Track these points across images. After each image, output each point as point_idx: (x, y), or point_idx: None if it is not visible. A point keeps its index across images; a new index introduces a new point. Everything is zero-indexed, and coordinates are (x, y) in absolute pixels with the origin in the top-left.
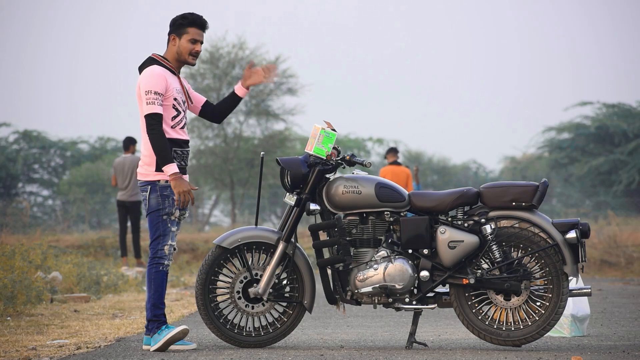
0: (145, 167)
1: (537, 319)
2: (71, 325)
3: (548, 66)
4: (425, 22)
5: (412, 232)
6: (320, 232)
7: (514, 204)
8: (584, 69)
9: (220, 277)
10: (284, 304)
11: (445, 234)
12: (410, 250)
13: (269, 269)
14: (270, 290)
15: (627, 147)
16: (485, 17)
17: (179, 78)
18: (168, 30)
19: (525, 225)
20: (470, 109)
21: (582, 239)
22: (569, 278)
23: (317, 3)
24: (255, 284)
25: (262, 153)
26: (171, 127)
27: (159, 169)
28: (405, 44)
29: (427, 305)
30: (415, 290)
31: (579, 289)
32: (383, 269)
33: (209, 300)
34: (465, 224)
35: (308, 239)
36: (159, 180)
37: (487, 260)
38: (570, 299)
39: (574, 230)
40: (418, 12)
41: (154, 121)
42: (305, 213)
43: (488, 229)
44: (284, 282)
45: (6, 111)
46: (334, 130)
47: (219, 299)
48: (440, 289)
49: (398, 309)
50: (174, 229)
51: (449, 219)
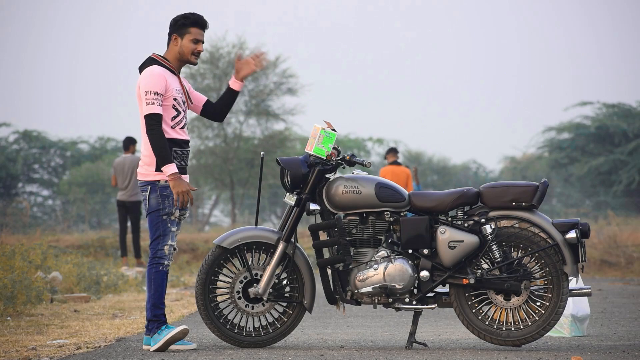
0: (146, 167)
1: (537, 319)
2: (71, 325)
3: (548, 66)
4: (426, 22)
5: (412, 232)
6: (320, 232)
7: (514, 204)
8: (584, 69)
9: (220, 277)
10: (284, 304)
11: (445, 234)
12: (410, 250)
13: (269, 269)
14: (270, 290)
15: (627, 147)
16: (485, 17)
17: (179, 78)
18: (168, 30)
19: (525, 225)
20: (470, 109)
21: (582, 239)
22: (569, 278)
23: (317, 3)
24: (255, 284)
25: (262, 153)
26: (171, 127)
27: (159, 169)
28: (405, 44)
29: (427, 305)
30: (415, 290)
31: (579, 289)
32: (383, 269)
33: (209, 300)
34: (465, 224)
35: (308, 239)
36: (159, 180)
37: (487, 260)
38: (570, 299)
39: (574, 230)
40: (418, 12)
41: (153, 121)
42: (305, 213)
43: (488, 229)
44: (284, 282)
45: (6, 111)
46: (334, 130)
47: (219, 299)
48: (440, 289)
49: (398, 309)
50: (174, 229)
51: (449, 219)
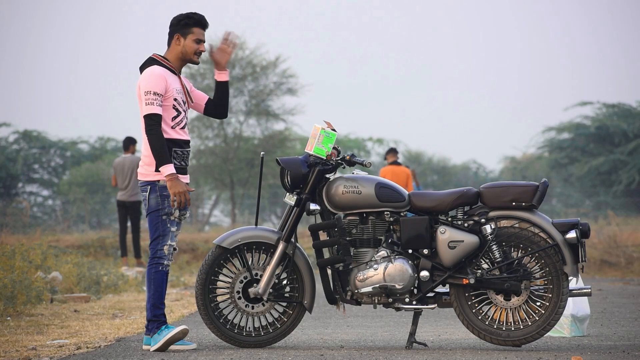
0: (146, 167)
1: (537, 319)
2: (71, 325)
3: (548, 66)
4: (426, 22)
5: (412, 232)
6: (320, 232)
7: (514, 204)
8: (584, 69)
9: (220, 277)
10: (284, 304)
11: (445, 234)
12: (410, 250)
13: (269, 269)
14: (270, 290)
15: (627, 147)
16: (485, 17)
17: (179, 78)
18: (169, 29)
19: (525, 225)
20: (470, 109)
21: (582, 239)
22: (569, 278)
23: (317, 3)
24: (255, 284)
25: (262, 153)
26: (171, 127)
27: (157, 169)
28: (406, 44)
29: (427, 305)
30: (415, 290)
31: (579, 289)
32: (383, 269)
33: (209, 300)
34: (465, 224)
35: (308, 239)
36: (158, 181)
37: (487, 260)
38: (570, 299)
39: (574, 230)
40: (418, 12)
41: (152, 122)
42: (305, 213)
43: (488, 229)
44: (284, 282)
45: (6, 111)
46: (334, 130)
47: (219, 299)
48: (440, 289)
49: (398, 309)
50: (173, 229)
51: (449, 219)
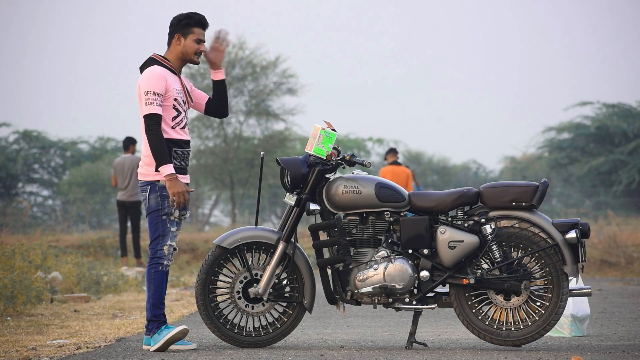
0: (146, 167)
1: (537, 319)
2: (71, 325)
3: (548, 66)
4: (426, 22)
5: (412, 232)
6: (320, 232)
7: (514, 204)
8: (584, 69)
9: (220, 277)
10: (284, 304)
11: (445, 234)
12: (410, 250)
13: (269, 269)
14: (270, 290)
15: (627, 147)
16: (485, 17)
17: (180, 78)
18: (169, 29)
19: (525, 225)
20: (470, 109)
21: (582, 239)
22: (569, 278)
23: (317, 3)
24: (255, 284)
25: (262, 153)
26: (171, 128)
27: (158, 169)
28: (406, 44)
29: (427, 305)
30: (415, 290)
31: (579, 289)
32: (383, 269)
33: (209, 300)
34: (465, 224)
35: (308, 239)
36: (158, 181)
37: (487, 260)
38: (570, 299)
39: (574, 230)
40: (418, 12)
41: (152, 122)
42: (305, 213)
43: (488, 229)
44: (284, 282)
45: (6, 111)
46: (334, 130)
47: (219, 299)
48: (440, 289)
49: (398, 309)
50: (173, 229)
51: (449, 219)
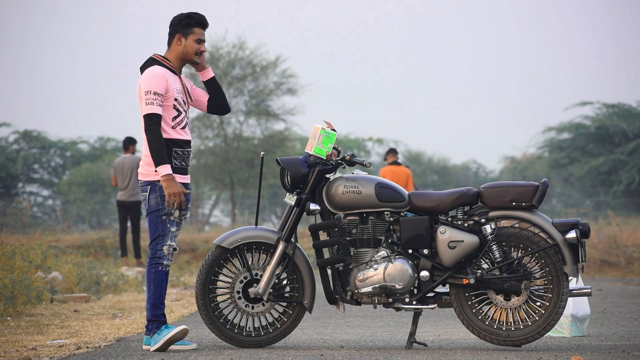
0: (146, 167)
1: (537, 319)
2: (71, 325)
3: (548, 66)
4: (426, 22)
5: (412, 232)
6: (320, 232)
7: (514, 204)
8: (584, 69)
9: (220, 277)
10: (284, 304)
11: (445, 234)
12: (410, 250)
13: (269, 269)
14: (270, 290)
15: (627, 147)
16: (485, 17)
17: (180, 78)
18: (169, 29)
19: (525, 225)
20: (470, 109)
21: (582, 239)
22: (569, 278)
23: (317, 3)
24: (255, 284)
25: (262, 153)
26: (172, 128)
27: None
28: (406, 44)
29: (427, 305)
30: (415, 290)
31: (579, 289)
32: (383, 269)
33: (209, 300)
34: (465, 224)
35: (308, 239)
36: (158, 181)
37: (487, 260)
38: (570, 299)
39: (574, 230)
40: (418, 12)
41: (152, 121)
42: (305, 213)
43: (488, 229)
44: (284, 282)
45: (6, 111)
46: (334, 130)
47: (219, 299)
48: (440, 289)
49: (398, 309)
50: (173, 229)
51: (449, 219)
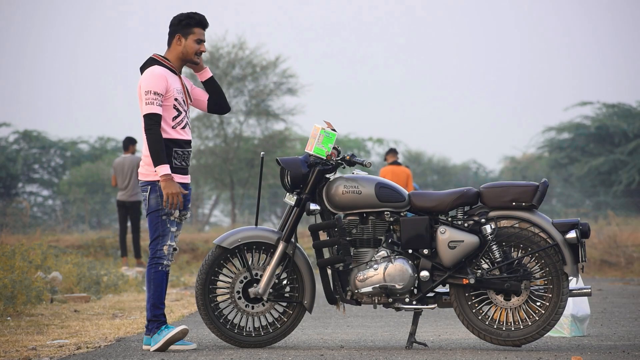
0: (146, 167)
1: (537, 319)
2: (71, 325)
3: (548, 66)
4: (426, 22)
5: (412, 232)
6: (320, 232)
7: (514, 204)
8: (584, 69)
9: (220, 277)
10: (284, 304)
11: (445, 234)
12: (410, 250)
13: (269, 269)
14: (270, 290)
15: (627, 147)
16: (485, 17)
17: (180, 78)
18: (169, 29)
19: (525, 225)
20: (470, 109)
21: (582, 239)
22: (569, 278)
23: (317, 3)
24: (255, 284)
25: (262, 153)
26: (172, 127)
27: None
28: (406, 44)
29: (427, 305)
30: (415, 290)
31: (579, 289)
32: (383, 269)
33: (209, 300)
34: (465, 224)
35: (308, 239)
36: (158, 181)
37: (487, 260)
38: (570, 299)
39: (574, 230)
40: (418, 12)
41: (151, 121)
42: (305, 213)
43: (488, 229)
44: (284, 282)
45: (6, 111)
46: (334, 130)
47: (219, 299)
48: (440, 289)
49: (398, 309)
50: (173, 229)
51: (449, 219)
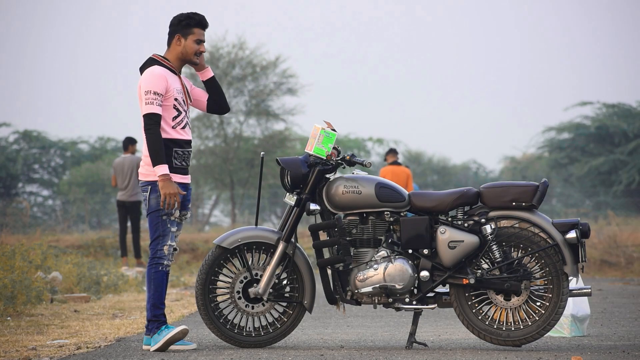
0: (146, 168)
1: (537, 319)
2: (71, 325)
3: (548, 66)
4: (426, 22)
5: (412, 232)
6: (320, 232)
7: (514, 204)
8: (584, 69)
9: (220, 277)
10: (284, 304)
11: (445, 234)
12: (410, 250)
13: (269, 269)
14: (270, 290)
15: (627, 147)
16: (485, 17)
17: (180, 78)
18: (169, 30)
19: (525, 225)
20: (470, 108)
21: (582, 239)
22: (569, 278)
23: (317, 3)
24: (255, 284)
25: (262, 153)
26: (172, 127)
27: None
28: (405, 44)
29: (427, 305)
30: (415, 290)
31: (579, 289)
32: (383, 269)
33: (209, 300)
34: (465, 224)
35: (308, 239)
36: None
37: (487, 260)
38: (570, 299)
39: (574, 230)
40: (418, 12)
41: (151, 121)
42: (305, 213)
43: (488, 229)
44: (284, 282)
45: (6, 111)
46: (334, 130)
47: (219, 299)
48: (440, 289)
49: (398, 309)
50: (173, 229)
51: (449, 219)
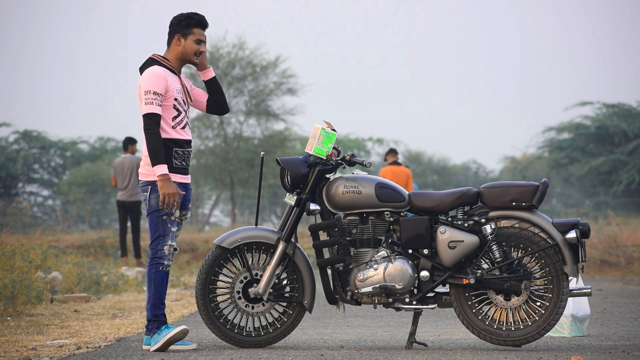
0: (147, 168)
1: (537, 319)
2: (71, 325)
3: (548, 66)
4: (426, 22)
5: (412, 232)
6: (320, 232)
7: (514, 204)
8: (584, 69)
9: (220, 277)
10: (284, 304)
11: (445, 234)
12: (410, 250)
13: (269, 269)
14: (270, 290)
15: (627, 147)
16: (485, 17)
17: (179, 78)
18: (169, 30)
19: (525, 225)
20: (470, 108)
21: (582, 239)
22: (569, 278)
23: (317, 3)
24: (255, 284)
25: (262, 153)
26: (172, 127)
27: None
28: (405, 44)
29: (427, 305)
30: (415, 290)
31: (579, 289)
32: (383, 269)
33: (209, 300)
34: (465, 224)
35: (308, 239)
36: None
37: (487, 260)
38: (570, 299)
39: (574, 230)
40: (418, 12)
41: (151, 121)
42: (305, 213)
43: (488, 229)
44: (284, 282)
45: (6, 111)
46: (334, 130)
47: (219, 299)
48: (440, 289)
49: (398, 309)
50: (174, 229)
51: (449, 219)
